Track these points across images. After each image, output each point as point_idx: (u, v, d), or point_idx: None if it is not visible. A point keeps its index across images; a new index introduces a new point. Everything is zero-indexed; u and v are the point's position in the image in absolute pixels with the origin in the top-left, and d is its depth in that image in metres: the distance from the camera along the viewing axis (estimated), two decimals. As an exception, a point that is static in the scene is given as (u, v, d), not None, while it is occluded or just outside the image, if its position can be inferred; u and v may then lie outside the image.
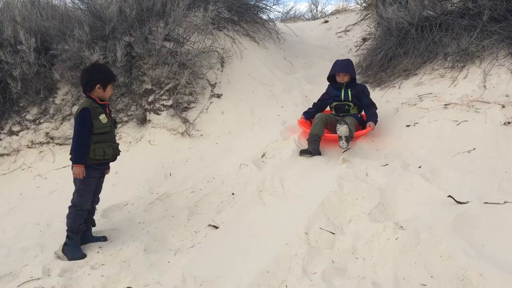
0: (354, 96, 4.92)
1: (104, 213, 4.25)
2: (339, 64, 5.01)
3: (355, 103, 4.93)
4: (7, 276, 3.52)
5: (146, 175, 4.84)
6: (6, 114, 5.66)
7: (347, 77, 4.93)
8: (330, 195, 3.66)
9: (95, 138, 3.62)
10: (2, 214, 4.62)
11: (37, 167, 5.26)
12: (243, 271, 3.15)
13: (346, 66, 4.95)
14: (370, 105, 4.85)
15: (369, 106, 4.85)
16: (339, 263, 3.04)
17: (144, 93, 5.76)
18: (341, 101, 4.96)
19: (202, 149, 5.12)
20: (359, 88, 4.96)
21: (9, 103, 5.68)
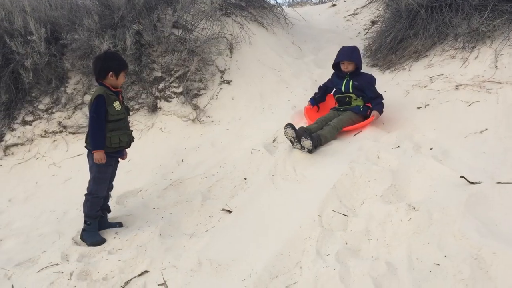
0: (356, 88, 4.75)
1: (119, 200, 4.31)
2: (344, 51, 4.84)
3: (358, 94, 4.77)
4: (26, 262, 3.60)
5: (159, 162, 4.89)
6: (19, 104, 5.73)
7: (351, 65, 4.77)
8: (342, 178, 3.68)
9: (110, 126, 3.66)
10: (19, 202, 4.71)
11: (51, 155, 5.33)
12: (257, 254, 3.20)
13: (351, 53, 4.78)
14: (376, 97, 4.69)
15: (374, 98, 4.69)
16: (352, 244, 3.07)
17: (154, 80, 5.79)
18: (342, 93, 4.84)
19: (213, 135, 5.16)
20: (363, 78, 4.79)
21: (21, 93, 5.74)
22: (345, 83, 4.79)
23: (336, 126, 4.48)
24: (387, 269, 2.73)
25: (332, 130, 4.45)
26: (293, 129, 4.22)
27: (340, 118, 4.61)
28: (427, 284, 2.56)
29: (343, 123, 4.56)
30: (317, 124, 4.60)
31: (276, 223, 3.49)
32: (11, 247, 3.89)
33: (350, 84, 4.76)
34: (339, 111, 4.80)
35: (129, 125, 3.96)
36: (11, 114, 5.67)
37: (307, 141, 4.16)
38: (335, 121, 4.54)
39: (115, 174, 3.95)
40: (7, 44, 5.60)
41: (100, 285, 3.15)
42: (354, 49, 4.83)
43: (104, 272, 3.29)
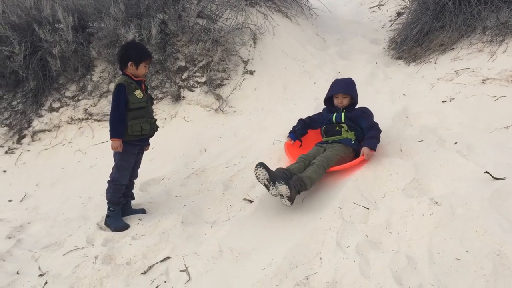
0: (349, 118, 4.12)
1: (142, 187, 4.39)
2: (338, 83, 4.25)
3: (351, 126, 4.10)
4: (53, 245, 3.71)
5: (182, 151, 4.95)
6: (46, 91, 5.85)
7: (346, 99, 4.17)
8: (364, 170, 3.68)
9: (131, 114, 3.71)
10: (46, 187, 4.84)
11: (77, 142, 5.45)
12: (277, 244, 3.24)
13: (346, 86, 4.19)
14: (372, 127, 4.01)
15: (369, 129, 4.02)
16: (373, 237, 3.08)
17: (178, 70, 5.84)
18: (331, 123, 4.19)
19: (235, 125, 5.19)
20: (358, 110, 4.17)
21: (49, 81, 5.86)
22: (336, 114, 4.17)
23: (322, 164, 3.71)
24: (408, 263, 2.74)
25: (317, 170, 3.68)
26: (265, 170, 3.46)
27: (326, 154, 3.85)
28: (448, 279, 2.56)
29: (330, 160, 3.79)
30: (299, 163, 3.81)
31: (296, 214, 3.52)
32: (38, 230, 4.00)
33: (343, 115, 4.14)
34: (327, 144, 4.08)
35: (153, 114, 4.00)
36: (39, 100, 5.80)
37: (282, 185, 3.40)
38: (320, 158, 3.78)
39: (140, 163, 4.02)
40: (36, 32, 5.71)
41: (124, 270, 3.23)
42: (350, 81, 4.25)
43: (128, 257, 3.37)
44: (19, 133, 5.62)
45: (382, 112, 4.63)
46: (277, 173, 3.54)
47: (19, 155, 5.40)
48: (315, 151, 4.00)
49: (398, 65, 5.92)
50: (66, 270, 3.30)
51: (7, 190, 4.88)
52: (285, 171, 3.60)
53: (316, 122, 4.37)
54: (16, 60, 5.65)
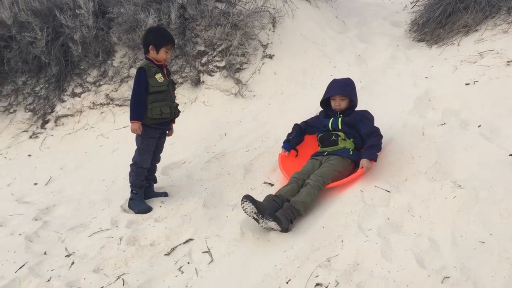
0: (347, 124, 3.75)
1: (164, 171, 4.45)
2: (336, 84, 3.87)
3: (349, 133, 3.74)
4: (78, 227, 3.80)
5: (202, 135, 4.99)
6: (68, 76, 5.93)
7: (344, 102, 3.80)
8: (385, 153, 3.67)
9: (151, 98, 3.75)
10: (70, 170, 4.93)
11: (99, 127, 5.53)
12: (298, 227, 3.26)
13: (345, 87, 3.82)
14: (371, 134, 3.66)
15: (369, 135, 3.67)
16: (394, 220, 3.08)
17: (197, 54, 5.85)
18: (327, 131, 3.83)
19: (255, 109, 5.20)
20: (357, 114, 3.80)
21: (71, 66, 5.94)
22: (333, 120, 3.81)
23: (317, 185, 3.39)
24: (430, 246, 2.73)
25: (311, 191, 3.36)
26: (252, 203, 3.13)
27: (321, 171, 3.52)
28: (471, 262, 2.55)
29: (326, 177, 3.47)
30: (291, 185, 3.47)
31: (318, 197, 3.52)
32: (63, 213, 4.10)
33: (340, 120, 3.77)
34: (322, 156, 3.75)
35: (175, 98, 4.02)
36: (61, 86, 5.89)
37: (271, 222, 3.11)
38: (315, 177, 3.44)
39: (162, 147, 4.06)
40: (57, 18, 5.77)
41: (148, 251, 3.29)
42: (349, 82, 3.88)
43: (151, 238, 3.44)
44: (42, 118, 5.72)
45: (404, 95, 4.60)
46: (265, 204, 3.22)
47: (43, 139, 5.50)
48: (309, 167, 3.65)
49: (420, 47, 5.83)
50: (92, 251, 3.39)
51: (33, 173, 5.00)
52: (275, 199, 3.30)
53: (312, 127, 4.01)
54: (39, 46, 5.73)
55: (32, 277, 3.17)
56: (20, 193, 4.61)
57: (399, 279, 2.56)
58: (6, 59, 5.89)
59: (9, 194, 4.63)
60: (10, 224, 3.98)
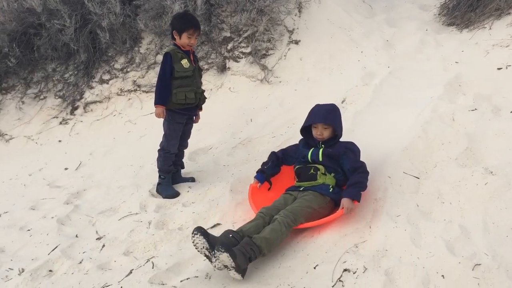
0: (329, 156, 3.32)
1: (191, 156, 4.49)
2: (318, 111, 3.45)
3: (330, 167, 3.31)
4: (108, 211, 3.88)
5: (228, 121, 5.01)
6: (96, 63, 6.01)
7: (327, 131, 3.36)
8: (414, 140, 3.61)
9: (176, 83, 3.76)
10: (99, 156, 5.02)
11: (126, 113, 5.60)
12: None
13: (327, 114, 3.38)
14: (356, 169, 3.21)
15: (353, 171, 3.22)
16: (424, 206, 3.05)
17: (223, 41, 5.85)
18: (306, 163, 3.40)
19: (281, 95, 5.18)
20: (340, 146, 3.35)
21: (99, 53, 6.01)
22: (313, 150, 3.38)
23: (286, 221, 2.91)
24: (461, 232, 2.71)
25: (278, 228, 2.87)
26: (204, 237, 2.73)
27: (293, 206, 3.07)
28: (503, 249, 2.51)
29: (297, 215, 3.00)
30: (256, 221, 2.99)
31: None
32: (93, 197, 4.18)
33: (321, 152, 3.34)
34: (298, 191, 3.29)
35: (201, 85, 4.02)
36: (90, 73, 5.97)
37: (222, 254, 2.61)
38: (285, 213, 2.98)
39: (189, 133, 4.09)
40: (85, 5, 5.84)
41: (176, 235, 3.34)
42: (333, 109, 3.47)
43: (179, 223, 3.49)
44: (72, 105, 5.83)
45: (433, 81, 4.51)
46: (221, 239, 2.76)
47: (73, 125, 5.61)
48: (281, 202, 3.20)
49: (450, 31, 5.69)
50: (121, 234, 3.46)
51: (63, 158, 5.11)
52: (234, 235, 2.81)
53: (291, 157, 3.59)
54: (67, 33, 5.81)
55: (64, 259, 3.25)
56: (52, 177, 4.73)
57: (429, 266, 2.54)
58: (36, 46, 6.00)
59: (41, 178, 4.75)
60: (43, 208, 4.09)
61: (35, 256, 3.35)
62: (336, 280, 2.61)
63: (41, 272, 3.13)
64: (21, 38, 6.00)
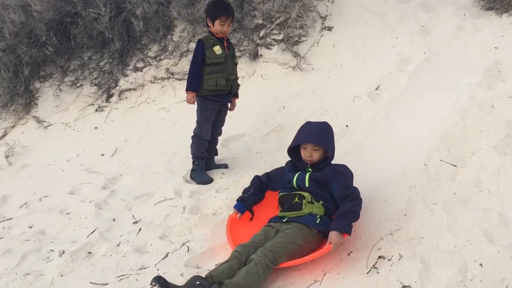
0: (316, 181, 2.93)
1: (224, 143, 4.53)
2: (307, 130, 3.07)
3: (317, 194, 2.93)
4: (144, 196, 3.96)
5: (260, 108, 5.01)
6: (131, 51, 6.10)
7: (318, 153, 2.99)
8: (451, 127, 3.54)
9: (208, 69, 3.79)
10: (134, 142, 5.12)
11: (160, 100, 5.67)
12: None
13: (318, 134, 3.00)
14: (347, 197, 2.83)
15: (344, 199, 2.84)
16: (461, 195, 3.00)
17: (255, 28, 5.83)
18: (290, 190, 3.03)
19: (313, 82, 5.14)
20: (330, 170, 2.97)
21: (133, 41, 6.09)
22: (299, 175, 3.01)
23: (263, 262, 2.54)
24: (500, 221, 2.65)
25: (254, 271, 2.52)
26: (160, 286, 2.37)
27: (273, 243, 2.69)
28: (545, 238, 2.45)
29: (278, 253, 2.62)
30: (230, 262, 2.62)
31: (379, 171, 3.48)
32: (129, 182, 4.28)
33: (307, 176, 2.96)
34: (281, 223, 2.91)
35: (234, 72, 4.01)
36: (124, 61, 6.07)
37: None
38: (263, 252, 2.60)
39: (223, 120, 4.12)
40: (120, -6, 5.93)
41: (210, 220, 3.39)
42: (325, 128, 3.08)
43: (213, 208, 3.54)
44: (107, 92, 5.94)
45: (471, 67, 4.39)
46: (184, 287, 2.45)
47: (108, 112, 5.73)
48: (260, 237, 2.81)
49: (488, 16, 5.51)
50: (157, 219, 3.54)
51: (99, 145, 5.23)
52: (201, 281, 2.45)
53: (276, 182, 3.21)
54: (102, 21, 5.90)
55: (102, 241, 3.36)
56: (89, 163, 4.85)
57: (466, 254, 2.51)
58: (72, 35, 6.13)
59: (78, 164, 4.88)
60: (81, 192, 4.22)
61: (75, 239, 3.46)
62: (371, 266, 2.60)
63: (81, 254, 3.25)
64: (58, 27, 6.13)
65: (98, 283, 2.85)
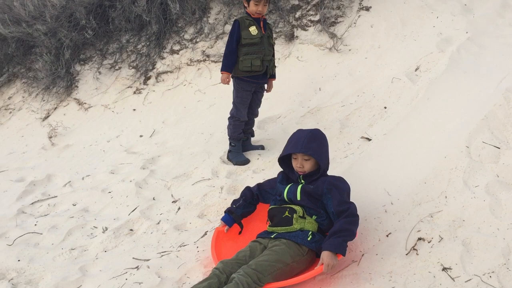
0: (308, 194, 2.67)
1: (260, 125, 4.55)
2: (298, 137, 2.76)
3: (310, 208, 2.67)
4: (182, 176, 4.04)
5: (296, 90, 4.99)
6: (167, 34, 6.16)
7: (309, 163, 2.72)
8: (494, 108, 3.43)
9: (243, 50, 3.80)
10: (171, 124, 5.21)
11: (196, 83, 5.72)
12: (398, 182, 3.20)
13: (309, 144, 2.69)
14: (342, 213, 2.56)
15: (339, 215, 2.57)
16: (504, 177, 2.92)
17: (291, 9, 5.78)
18: (281, 203, 2.77)
19: (350, 64, 5.07)
20: (324, 182, 2.69)
21: (169, 24, 6.15)
22: (290, 187, 2.75)
23: (246, 281, 2.30)
24: (546, 204, 2.57)
25: None
26: None
27: (258, 261, 2.43)
28: None
29: (263, 271, 2.36)
30: (209, 281, 2.37)
31: (419, 152, 3.42)
32: (168, 163, 4.37)
33: (299, 189, 2.71)
34: (269, 239, 2.66)
35: (270, 53, 3.99)
36: (161, 43, 6.14)
37: None
38: (246, 270, 2.35)
39: (259, 102, 4.13)
40: (157, -23, 5.97)
41: (248, 200, 3.43)
42: (316, 136, 2.77)
43: (251, 189, 3.57)
44: (145, 75, 6.04)
45: (517, 46, 4.23)
46: None
47: (146, 95, 5.83)
48: (246, 254, 2.57)
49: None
50: (195, 198, 3.61)
51: (138, 126, 5.35)
52: None
53: (268, 194, 2.97)
54: (140, 4, 5.98)
55: (143, 219, 3.45)
56: (128, 144, 4.97)
57: (510, 237, 2.46)
58: (111, 18, 6.24)
59: (118, 145, 5.01)
60: (122, 172, 4.33)
61: (117, 216, 3.58)
62: (410, 248, 2.58)
63: (123, 231, 3.35)
64: (97, 10, 6.25)
65: (141, 259, 2.94)
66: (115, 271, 2.85)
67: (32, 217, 3.76)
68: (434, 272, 2.38)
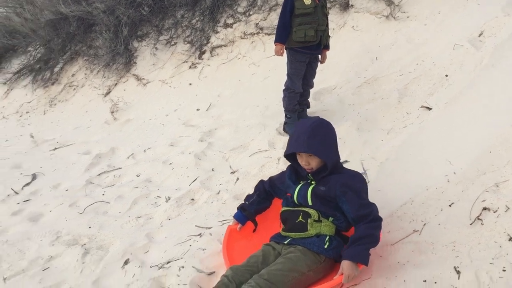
0: (320, 197, 2.40)
1: (315, 96, 4.52)
2: (299, 133, 2.43)
3: (324, 211, 2.41)
4: (239, 148, 4.12)
5: (352, 60, 4.91)
6: (220, 8, 6.19)
7: (315, 160, 2.42)
8: None
9: (297, 20, 3.75)
10: (227, 97, 5.28)
11: (250, 56, 5.74)
12: (461, 151, 3.10)
13: (309, 140, 2.36)
14: (362, 218, 2.29)
15: (358, 221, 2.30)
16: None
17: (345, -23, 5.64)
18: (292, 206, 2.51)
19: (409, 31, 4.91)
20: (336, 183, 2.38)
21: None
22: (301, 188, 2.49)
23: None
24: None
25: None
26: None
27: (271, 270, 2.20)
28: None
29: (277, 282, 2.13)
30: None
31: (483, 121, 3.30)
32: (224, 135, 4.46)
33: (310, 190, 2.44)
34: (282, 244, 2.43)
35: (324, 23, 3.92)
36: (215, 17, 6.18)
37: None
38: (257, 280, 2.12)
39: (314, 72, 4.09)
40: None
41: (305, 170, 3.45)
42: (315, 131, 2.40)
43: (308, 159, 3.59)
44: (199, 49, 6.12)
45: None
46: None
47: (201, 69, 5.92)
48: (258, 259, 2.34)
49: None
50: (253, 169, 3.67)
51: (194, 100, 5.46)
52: None
53: (281, 190, 2.72)
54: (194, -21, 6.04)
55: (203, 189, 3.56)
56: (185, 117, 5.10)
57: None
58: (166, -6, 6.35)
59: (176, 118, 5.15)
60: (181, 145, 4.47)
61: (178, 186, 3.71)
62: (474, 218, 2.52)
63: (185, 200, 3.48)
64: (152, -13, 6.37)
65: (203, 227, 3.06)
66: (179, 238, 2.98)
67: (99, 187, 3.98)
68: (501, 242, 2.32)
